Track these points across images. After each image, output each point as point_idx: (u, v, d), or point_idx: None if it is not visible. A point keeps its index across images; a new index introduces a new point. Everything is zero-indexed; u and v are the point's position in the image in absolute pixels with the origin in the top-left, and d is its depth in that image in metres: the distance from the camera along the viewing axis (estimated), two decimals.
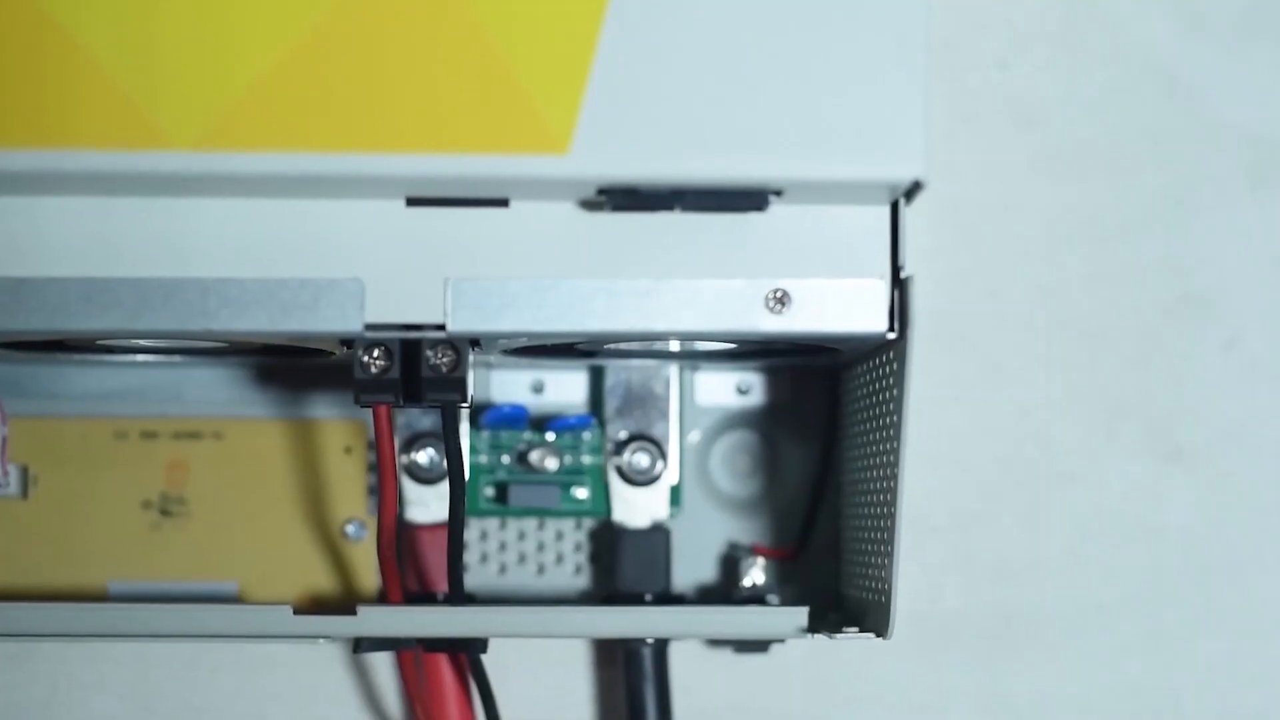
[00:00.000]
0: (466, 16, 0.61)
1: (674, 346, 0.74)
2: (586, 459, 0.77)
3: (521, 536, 0.78)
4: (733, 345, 0.72)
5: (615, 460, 0.77)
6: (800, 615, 0.69)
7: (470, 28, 0.61)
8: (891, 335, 0.65)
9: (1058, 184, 0.80)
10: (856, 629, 0.69)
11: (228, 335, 0.65)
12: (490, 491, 0.77)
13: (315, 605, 0.76)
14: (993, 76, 0.80)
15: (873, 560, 0.70)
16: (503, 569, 0.78)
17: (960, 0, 0.80)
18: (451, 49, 0.61)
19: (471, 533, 0.77)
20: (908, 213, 0.65)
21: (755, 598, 0.76)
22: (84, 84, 0.61)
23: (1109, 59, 0.80)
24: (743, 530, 0.78)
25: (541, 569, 0.78)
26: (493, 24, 0.61)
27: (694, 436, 0.78)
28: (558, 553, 0.78)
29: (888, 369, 0.67)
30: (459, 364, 0.65)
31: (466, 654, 0.73)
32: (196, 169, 0.61)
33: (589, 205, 0.64)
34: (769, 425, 0.78)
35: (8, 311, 0.64)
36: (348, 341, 0.66)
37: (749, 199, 0.63)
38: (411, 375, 0.66)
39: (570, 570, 0.78)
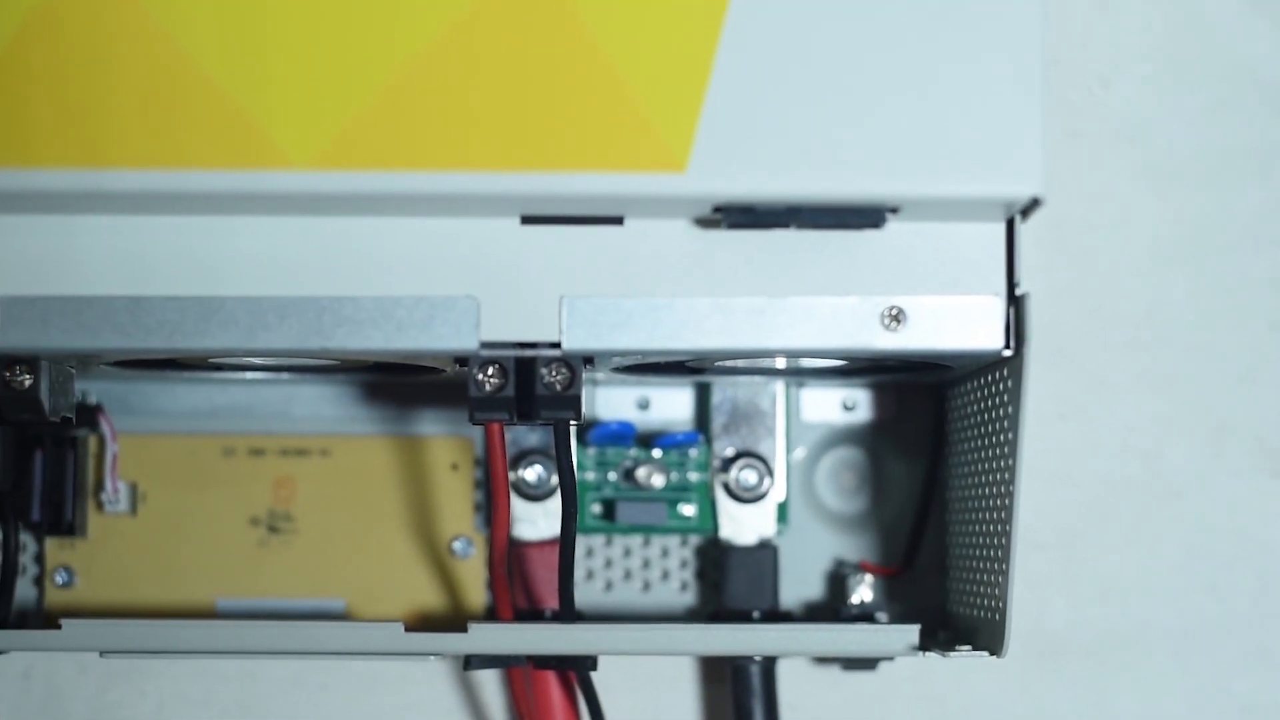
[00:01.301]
0: (583, 36, 0.61)
1: (780, 363, 0.74)
2: (693, 476, 0.77)
3: (627, 553, 0.78)
4: (841, 362, 0.72)
5: (722, 477, 0.77)
6: (911, 633, 0.69)
7: (587, 47, 0.61)
8: (1007, 353, 0.65)
9: (1162, 199, 0.80)
10: (969, 647, 0.69)
11: (344, 354, 0.65)
12: (597, 508, 0.77)
13: (423, 622, 0.77)
14: (1095, 93, 0.80)
15: (984, 578, 0.70)
16: (609, 586, 0.78)
17: (1061, 18, 0.80)
18: (568, 68, 0.62)
19: (578, 549, 0.77)
20: (1023, 230, 0.65)
21: (864, 615, 0.76)
22: (203, 105, 0.61)
23: (1211, 74, 0.80)
24: (848, 547, 0.78)
25: (647, 585, 0.78)
26: (610, 43, 0.61)
27: (799, 453, 0.78)
28: (663, 569, 0.78)
29: (1001, 386, 0.67)
30: (573, 382, 0.65)
31: (576, 671, 0.73)
32: (314, 188, 0.62)
33: (704, 223, 0.64)
34: (874, 441, 0.78)
35: (125, 331, 0.64)
36: (462, 359, 0.66)
37: (865, 216, 0.63)
38: (525, 393, 0.66)
39: (676, 587, 0.78)
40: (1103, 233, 0.80)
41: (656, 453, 0.77)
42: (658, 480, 0.77)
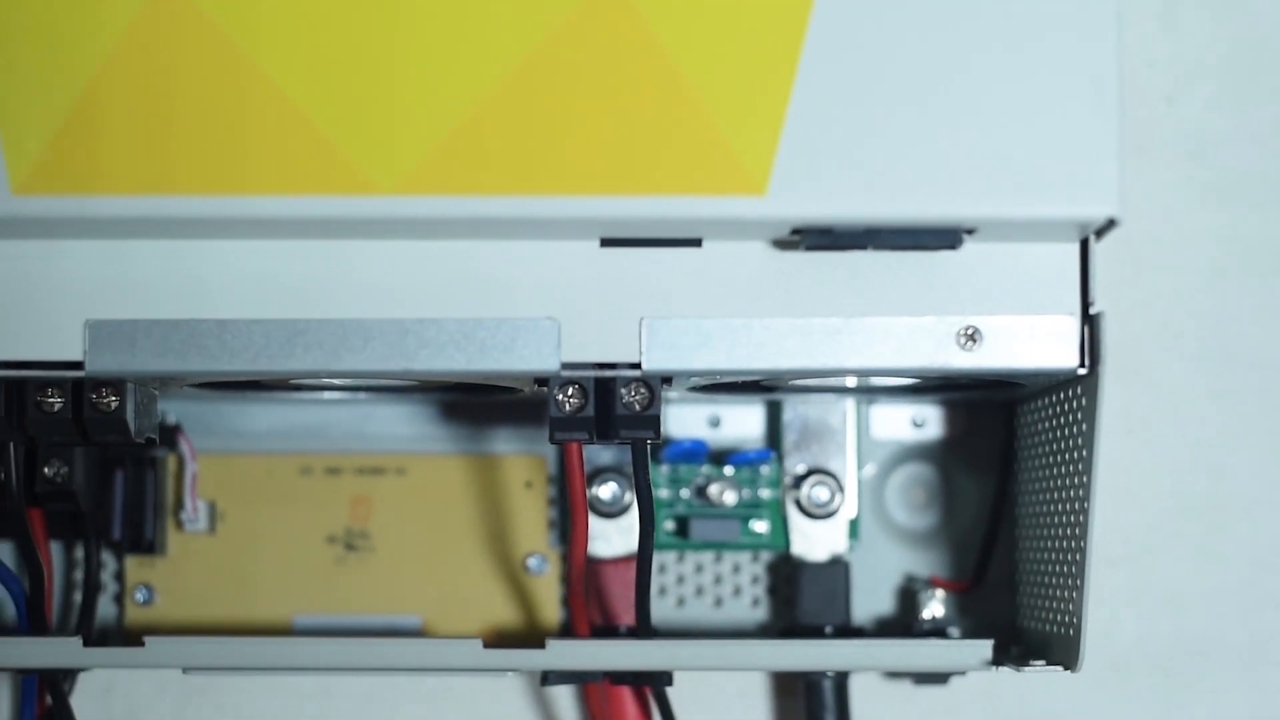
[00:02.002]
0: (664, 60, 0.62)
1: (850, 381, 0.75)
2: (765, 493, 0.78)
3: (699, 569, 0.79)
4: (914, 380, 0.73)
5: (793, 494, 0.77)
6: (985, 648, 0.70)
7: (668, 72, 0.62)
8: (1082, 371, 0.65)
9: (1227, 215, 0.80)
10: (1043, 662, 0.69)
11: (427, 375, 0.66)
12: (670, 525, 0.78)
13: (500, 638, 0.77)
14: (1161, 110, 0.81)
15: (1056, 593, 0.71)
16: (681, 602, 0.79)
17: (1128, 36, 0.80)
18: (649, 93, 0.62)
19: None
20: (1096, 249, 0.66)
21: (936, 630, 0.76)
22: (289, 132, 0.62)
23: (1276, 91, 0.81)
24: (917, 563, 0.79)
25: (719, 601, 0.79)
26: (690, 68, 0.62)
27: (869, 470, 0.79)
28: (735, 585, 0.79)
29: (1074, 403, 0.68)
30: (652, 401, 0.66)
31: (652, 686, 0.74)
32: (399, 214, 0.63)
33: (781, 244, 0.65)
34: (943, 458, 0.79)
35: (212, 354, 0.65)
36: (541, 380, 0.67)
37: (942, 237, 0.64)
38: (604, 413, 0.66)
39: (748, 603, 0.79)
40: (1169, 249, 0.80)
41: (729, 470, 0.78)
42: (730, 497, 0.77)
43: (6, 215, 0.63)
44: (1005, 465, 0.78)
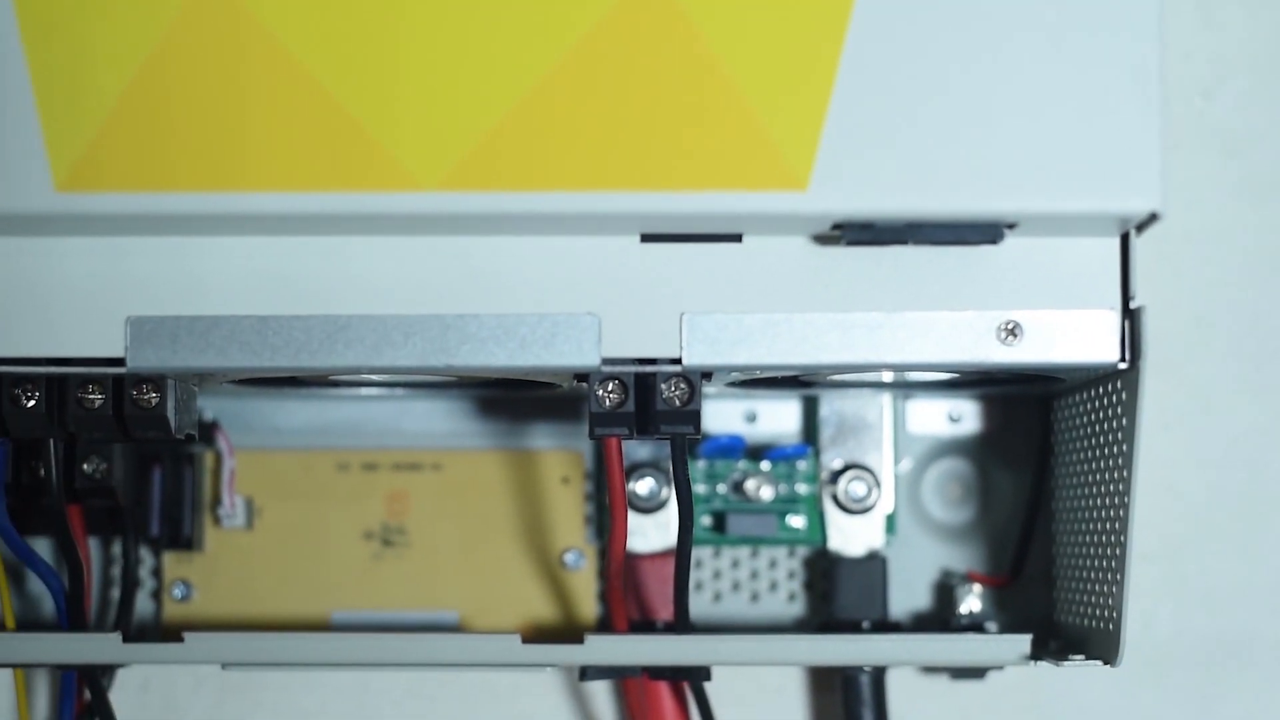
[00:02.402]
0: (706, 56, 0.62)
1: (887, 376, 0.75)
2: (801, 488, 0.78)
3: (735, 564, 0.79)
4: (951, 375, 0.73)
5: (830, 489, 0.77)
6: (1023, 643, 0.70)
7: (709, 67, 0.62)
8: (1122, 365, 0.65)
9: (1263, 211, 0.80)
10: (1082, 657, 0.69)
11: (467, 371, 0.66)
12: (707, 520, 0.78)
13: (537, 634, 0.78)
14: (1197, 105, 0.81)
15: (1095, 588, 0.71)
16: (717, 597, 0.79)
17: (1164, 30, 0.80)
18: (690, 88, 0.62)
19: None
20: (1136, 243, 0.66)
21: (974, 625, 0.77)
22: (331, 128, 0.62)
23: None
24: (954, 557, 0.79)
25: (755, 596, 0.79)
26: (731, 63, 0.62)
27: (905, 465, 0.79)
28: (771, 580, 0.79)
29: (1114, 398, 0.68)
30: (692, 397, 0.66)
31: (690, 682, 0.74)
32: (440, 209, 0.63)
33: (822, 239, 0.65)
34: (979, 453, 0.79)
35: (253, 350, 0.65)
36: (581, 375, 0.67)
37: (983, 232, 0.64)
38: (644, 408, 0.66)
39: (784, 598, 0.79)
40: (1204, 244, 0.80)
41: (765, 465, 0.78)
42: (766, 493, 0.78)
43: (49, 212, 0.63)
44: (1041, 460, 0.78)
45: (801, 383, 0.75)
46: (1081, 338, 0.65)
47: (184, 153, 0.63)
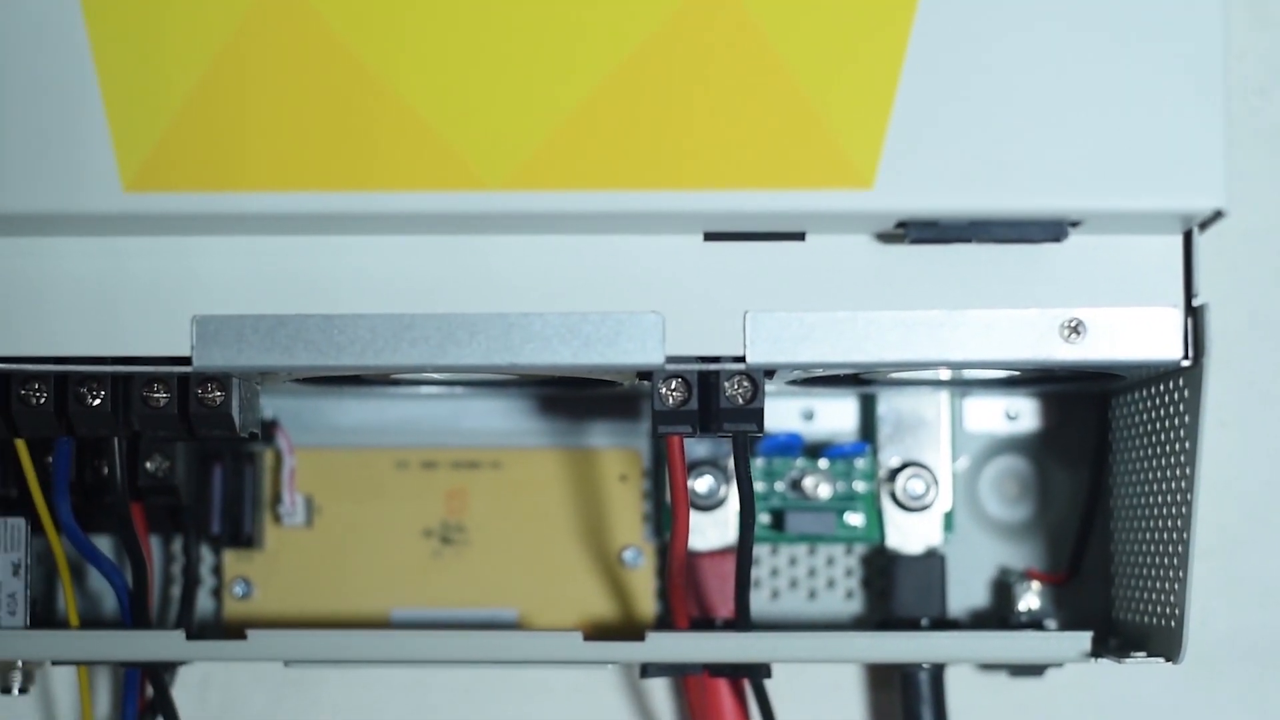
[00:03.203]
0: (770, 54, 0.63)
1: (944, 374, 0.75)
2: (859, 486, 0.78)
3: (793, 562, 0.79)
4: (1011, 373, 0.73)
5: (888, 486, 0.78)
6: (1084, 640, 0.70)
7: (774, 66, 0.63)
8: (1185, 363, 0.65)
9: None
10: (1143, 653, 0.70)
11: (532, 369, 0.66)
12: (765, 518, 0.78)
13: (596, 631, 0.78)
14: (1253, 103, 0.81)
15: (1155, 584, 0.71)
16: (775, 594, 0.79)
17: None
18: (753, 86, 0.63)
19: None
20: (1199, 241, 0.66)
21: (1034, 623, 0.77)
22: (400, 129, 0.63)
23: None
24: (1012, 555, 0.79)
25: (813, 594, 0.79)
26: (796, 61, 0.63)
27: (962, 462, 0.79)
28: (829, 578, 0.79)
29: (1175, 395, 0.68)
30: (755, 395, 0.66)
31: (750, 679, 0.74)
32: (507, 208, 0.63)
33: (885, 238, 0.65)
34: (1037, 450, 0.79)
35: (318, 348, 0.66)
36: (644, 374, 0.67)
37: (1047, 230, 0.64)
38: (707, 406, 0.66)
39: (841, 595, 0.79)
40: (1259, 241, 0.80)
41: (823, 463, 0.78)
42: (824, 490, 0.78)
43: (117, 211, 0.63)
44: (1099, 457, 0.78)
45: (859, 380, 0.75)
46: (1144, 335, 0.65)
47: (250, 153, 0.63)
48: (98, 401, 0.67)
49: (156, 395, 0.67)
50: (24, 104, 0.63)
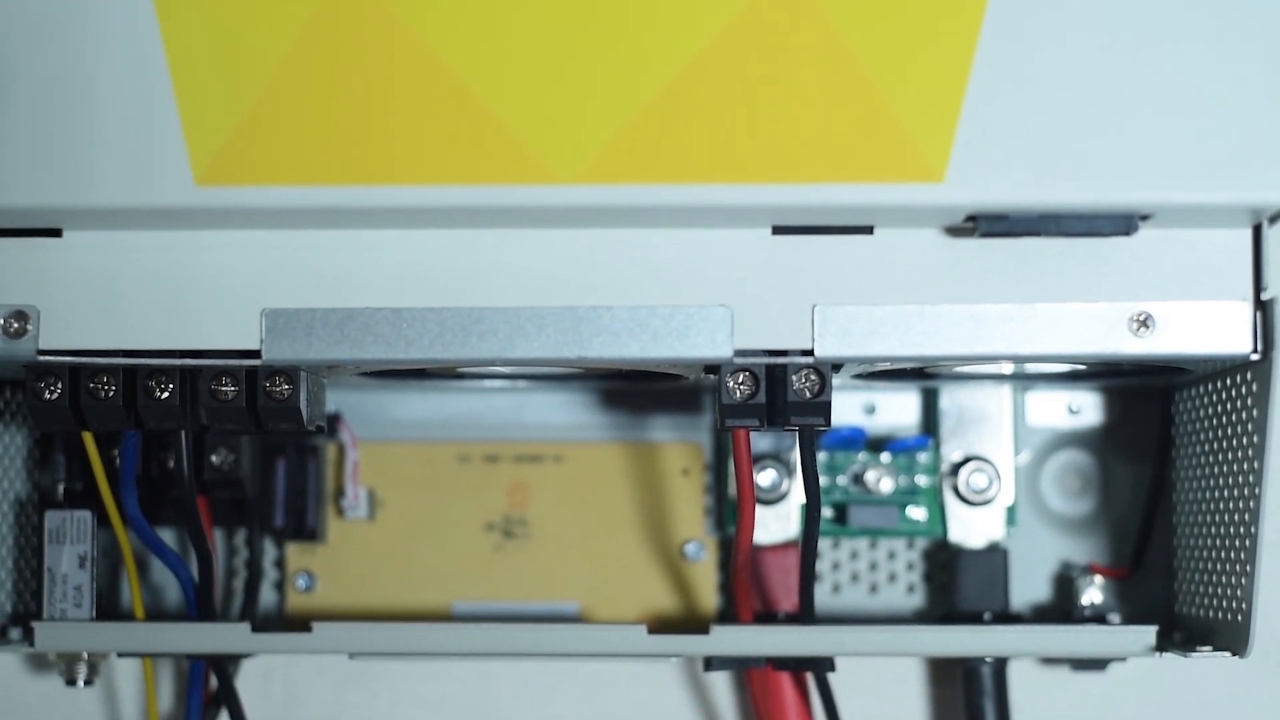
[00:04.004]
0: (840, 48, 0.63)
1: (1007, 368, 0.75)
2: (921, 480, 0.78)
3: (854, 556, 0.79)
4: (1077, 366, 0.73)
5: (950, 480, 0.78)
6: (1149, 634, 0.70)
7: (844, 59, 0.63)
8: (1254, 356, 0.65)
9: None
10: (1209, 648, 0.69)
11: (600, 363, 0.66)
12: (827, 512, 0.78)
13: (659, 624, 0.78)
14: None
15: (1221, 579, 0.71)
16: (836, 588, 0.79)
17: None
18: (824, 80, 0.63)
19: None
20: (1269, 234, 0.66)
21: (1097, 617, 0.77)
22: (469, 122, 0.63)
23: None
24: (1074, 549, 0.79)
25: (874, 588, 0.79)
26: (866, 55, 0.63)
27: (1024, 457, 0.79)
28: (890, 572, 0.79)
29: (1243, 389, 0.68)
30: (823, 388, 0.66)
31: (814, 672, 0.75)
32: (577, 202, 0.63)
33: (954, 231, 0.65)
34: (1099, 444, 0.79)
35: (387, 341, 0.66)
36: (711, 367, 0.67)
37: (1117, 223, 0.64)
38: (775, 400, 0.67)
39: (903, 589, 0.79)
40: None
41: (885, 457, 0.78)
42: (886, 484, 0.78)
43: (189, 205, 0.63)
44: (1162, 451, 0.78)
45: (922, 374, 0.75)
46: (1213, 329, 0.65)
47: (321, 147, 0.63)
48: (166, 395, 0.67)
49: (225, 388, 0.67)
50: (98, 100, 0.63)
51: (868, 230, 0.66)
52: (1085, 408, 0.79)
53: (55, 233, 0.66)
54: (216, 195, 0.63)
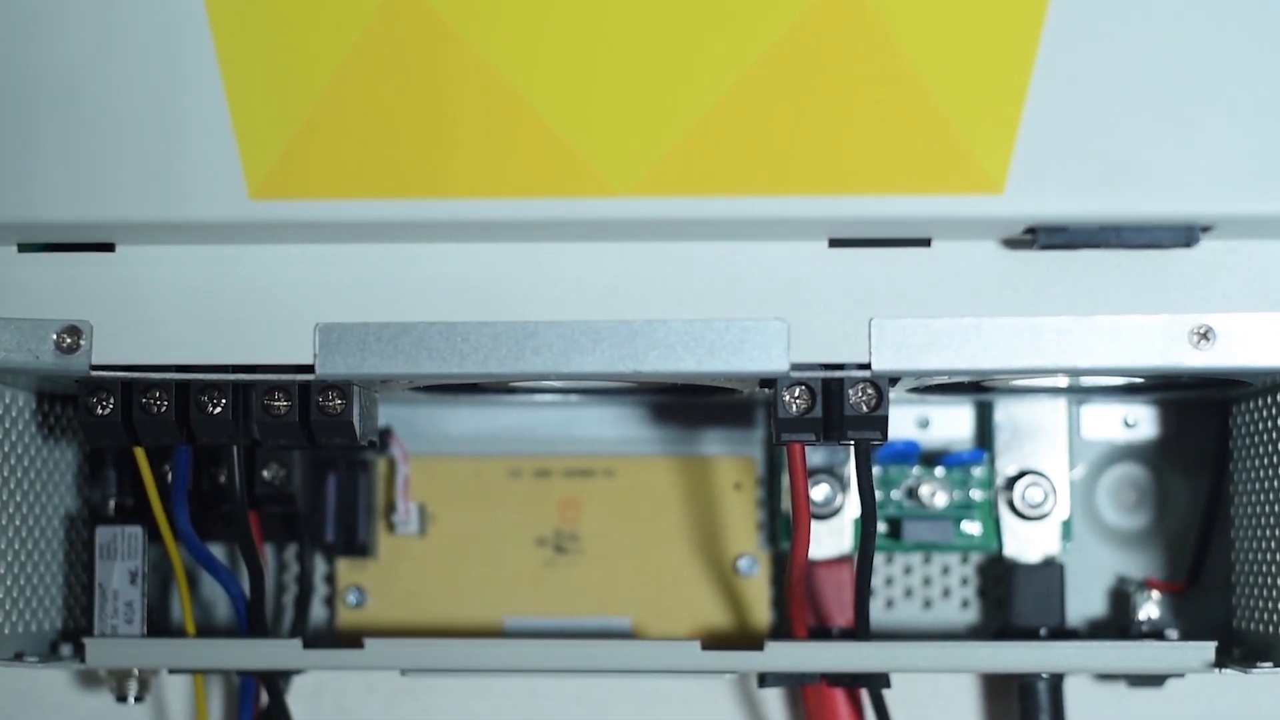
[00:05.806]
0: (898, 60, 0.62)
1: (1062, 381, 0.75)
2: (976, 494, 0.78)
3: (908, 571, 0.79)
4: (1131, 380, 0.73)
5: (1005, 495, 0.77)
6: (1208, 650, 0.69)
7: (902, 71, 0.62)
8: None
9: None
10: (1270, 664, 0.69)
11: (655, 377, 0.66)
12: (882, 527, 0.78)
13: (711, 640, 0.77)
14: None
15: None
16: (890, 603, 0.79)
17: None
18: (882, 92, 0.62)
19: None
20: None
21: (1154, 632, 0.76)
22: (525, 135, 0.63)
23: None
24: (1130, 564, 0.78)
25: (928, 603, 0.79)
26: (925, 67, 0.62)
27: (1079, 471, 0.78)
28: (944, 587, 0.79)
29: None
30: (880, 402, 0.66)
31: (869, 689, 0.74)
32: (633, 215, 0.63)
33: (1012, 243, 0.65)
34: (1155, 458, 0.78)
35: (441, 355, 0.65)
36: (766, 381, 0.67)
37: (1179, 235, 0.63)
38: (831, 413, 0.66)
39: (957, 604, 0.79)
40: None
41: (939, 471, 0.78)
42: (941, 499, 0.77)
43: (243, 220, 0.63)
44: (1219, 465, 0.77)
45: (977, 387, 0.74)
46: (1275, 341, 0.65)
47: (375, 161, 0.63)
48: (219, 410, 0.67)
49: (278, 403, 0.67)
50: (151, 113, 0.63)
51: (925, 243, 0.65)
52: (1141, 421, 0.78)
53: (108, 247, 0.66)
54: (270, 209, 0.63)
